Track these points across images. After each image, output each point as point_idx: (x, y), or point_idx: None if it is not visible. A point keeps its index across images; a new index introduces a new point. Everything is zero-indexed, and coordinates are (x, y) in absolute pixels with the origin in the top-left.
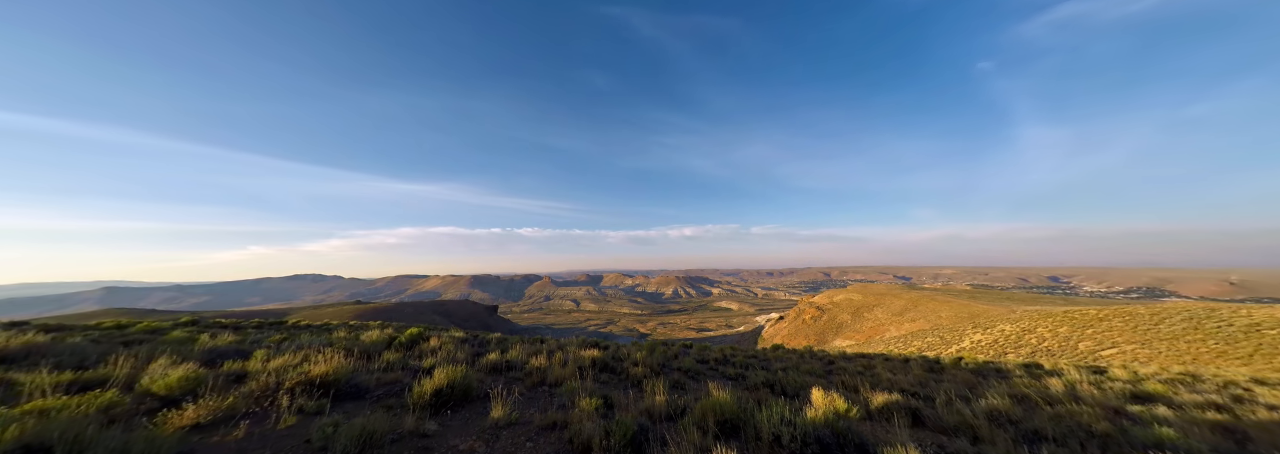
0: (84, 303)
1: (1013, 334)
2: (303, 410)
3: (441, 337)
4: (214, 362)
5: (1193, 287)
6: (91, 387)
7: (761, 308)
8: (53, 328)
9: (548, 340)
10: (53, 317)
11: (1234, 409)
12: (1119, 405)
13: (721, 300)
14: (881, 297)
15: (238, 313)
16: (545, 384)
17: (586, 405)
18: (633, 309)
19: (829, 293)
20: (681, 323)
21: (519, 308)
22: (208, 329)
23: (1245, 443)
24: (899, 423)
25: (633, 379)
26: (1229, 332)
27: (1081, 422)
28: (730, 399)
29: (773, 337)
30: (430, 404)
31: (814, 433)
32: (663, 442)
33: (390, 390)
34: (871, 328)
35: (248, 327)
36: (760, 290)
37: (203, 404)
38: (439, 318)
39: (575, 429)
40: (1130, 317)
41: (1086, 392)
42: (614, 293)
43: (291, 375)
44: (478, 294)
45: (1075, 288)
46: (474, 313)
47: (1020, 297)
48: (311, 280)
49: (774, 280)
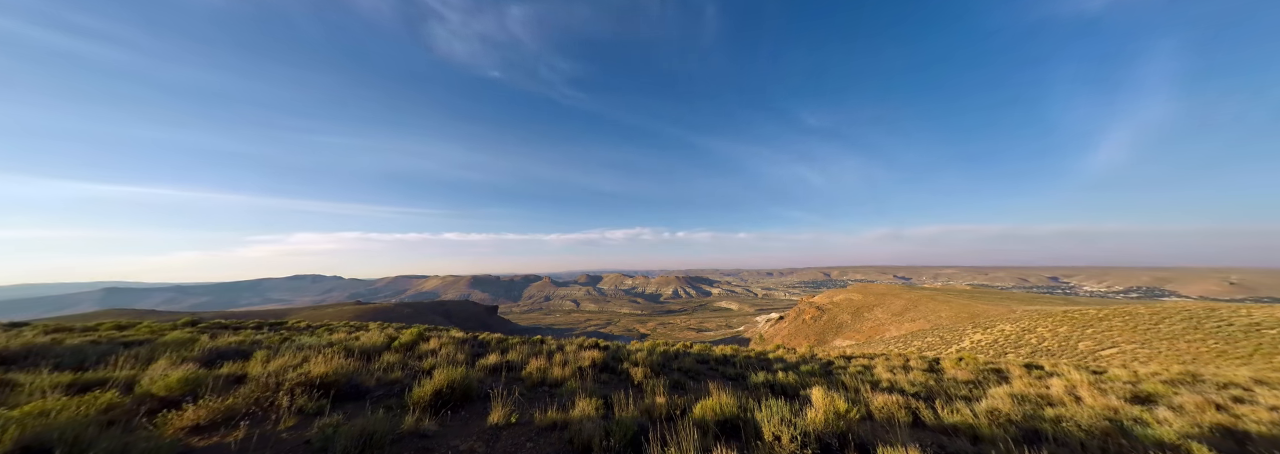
0: (84, 304)
1: (1013, 334)
2: (303, 411)
3: (441, 337)
4: (214, 362)
5: (1192, 286)
6: (91, 388)
7: (761, 308)
8: (52, 329)
9: (547, 341)
10: (53, 317)
11: (1234, 409)
12: (1119, 405)
13: (721, 300)
14: (881, 297)
15: (237, 313)
16: (545, 384)
17: (586, 406)
18: (632, 309)
19: (829, 293)
20: (681, 323)
21: (519, 308)
22: (207, 330)
23: (1245, 443)
24: (899, 423)
25: (632, 380)
26: (1229, 331)
27: (1081, 422)
28: (730, 399)
29: (773, 337)
30: (430, 405)
31: (814, 433)
32: (663, 442)
33: (390, 391)
34: (871, 328)
35: (247, 327)
36: (760, 290)
37: (203, 405)
38: (439, 318)
39: (575, 429)
40: (1130, 316)
41: (1086, 392)
42: (614, 293)
43: (291, 376)
44: (477, 294)
45: (1075, 288)
46: (474, 313)
47: (1020, 296)
48: (311, 281)
49: (774, 280)
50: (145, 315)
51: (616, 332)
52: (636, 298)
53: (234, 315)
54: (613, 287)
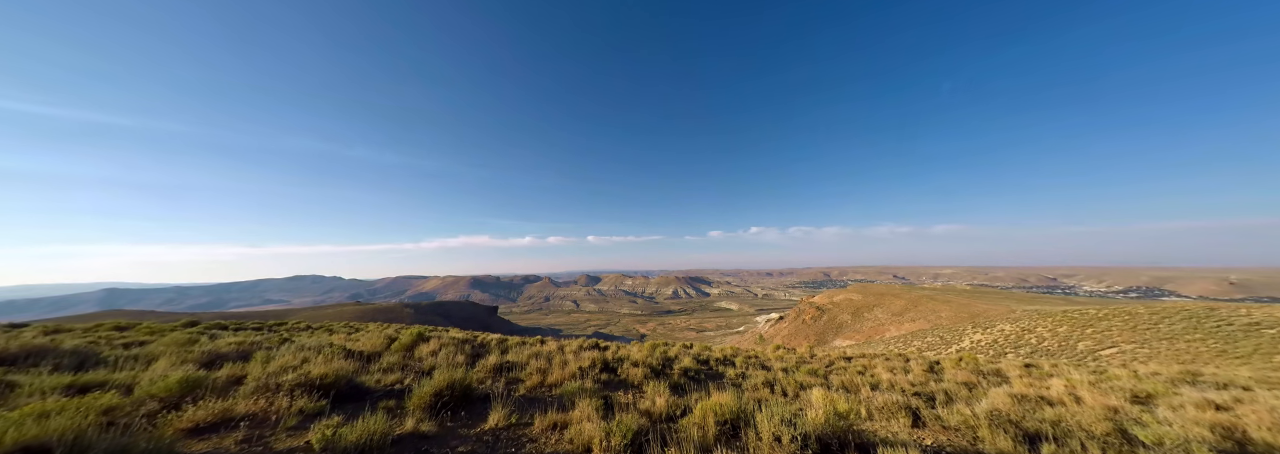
0: (84, 305)
1: (1012, 334)
2: (303, 412)
3: (441, 338)
4: (213, 363)
5: (1192, 286)
6: (91, 389)
7: (761, 308)
8: (52, 330)
9: (547, 341)
10: (52, 318)
11: (1234, 409)
12: (1119, 405)
13: (721, 301)
14: (881, 297)
15: (237, 314)
16: (545, 385)
17: (586, 406)
18: (632, 310)
19: (829, 293)
20: (681, 323)
21: (519, 309)
22: (207, 331)
23: (1245, 443)
24: (899, 423)
25: (632, 380)
26: (1228, 331)
27: (1081, 422)
28: (730, 400)
29: (773, 337)
30: (430, 406)
31: (815, 434)
32: (663, 442)
33: (390, 392)
34: (871, 328)
35: (247, 328)
36: (760, 290)
37: (202, 406)
38: (439, 319)
39: (575, 430)
40: (1130, 316)
41: (1086, 392)
42: (613, 293)
43: (291, 377)
44: (477, 295)
45: (1074, 288)
46: (474, 314)
47: (1020, 296)
48: (311, 281)
49: (774, 280)
50: (145, 316)
51: (616, 332)
52: (636, 298)
53: (233, 316)
54: (612, 287)
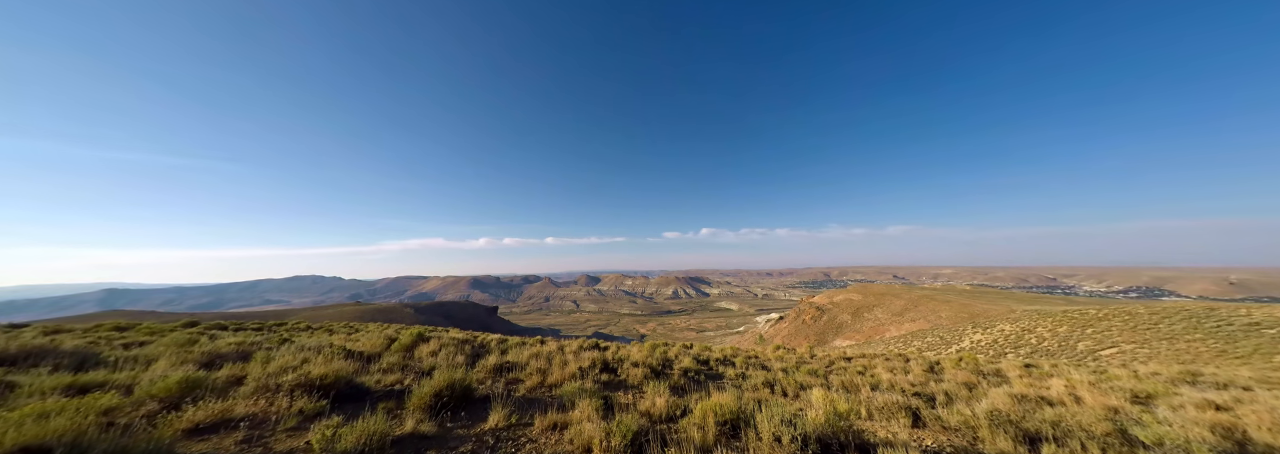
0: (84, 305)
1: (1012, 334)
2: (302, 413)
3: (441, 338)
4: (213, 364)
5: (1192, 286)
6: (90, 389)
7: (761, 308)
8: (52, 330)
9: (547, 341)
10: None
11: (1234, 409)
12: (1119, 405)
13: (721, 301)
14: (881, 297)
15: (237, 314)
16: (545, 386)
17: (586, 407)
18: (632, 310)
19: (829, 293)
20: (681, 323)
21: (519, 309)
22: (207, 331)
23: (1245, 443)
24: (899, 423)
25: (632, 381)
26: (1228, 331)
27: (1081, 422)
28: (730, 400)
29: (773, 337)
30: (430, 406)
31: (815, 434)
32: (663, 443)
33: (390, 392)
34: (871, 328)
35: (247, 328)
36: (760, 290)
37: (202, 407)
38: (439, 319)
39: (575, 431)
40: (1129, 316)
41: (1086, 392)
42: (613, 293)
43: (291, 378)
44: (477, 295)
45: (1074, 288)
46: (474, 314)
47: (1020, 296)
48: (311, 282)
49: (773, 280)
50: (144, 317)
51: (616, 332)
52: (636, 298)
53: (233, 316)
54: (612, 287)
